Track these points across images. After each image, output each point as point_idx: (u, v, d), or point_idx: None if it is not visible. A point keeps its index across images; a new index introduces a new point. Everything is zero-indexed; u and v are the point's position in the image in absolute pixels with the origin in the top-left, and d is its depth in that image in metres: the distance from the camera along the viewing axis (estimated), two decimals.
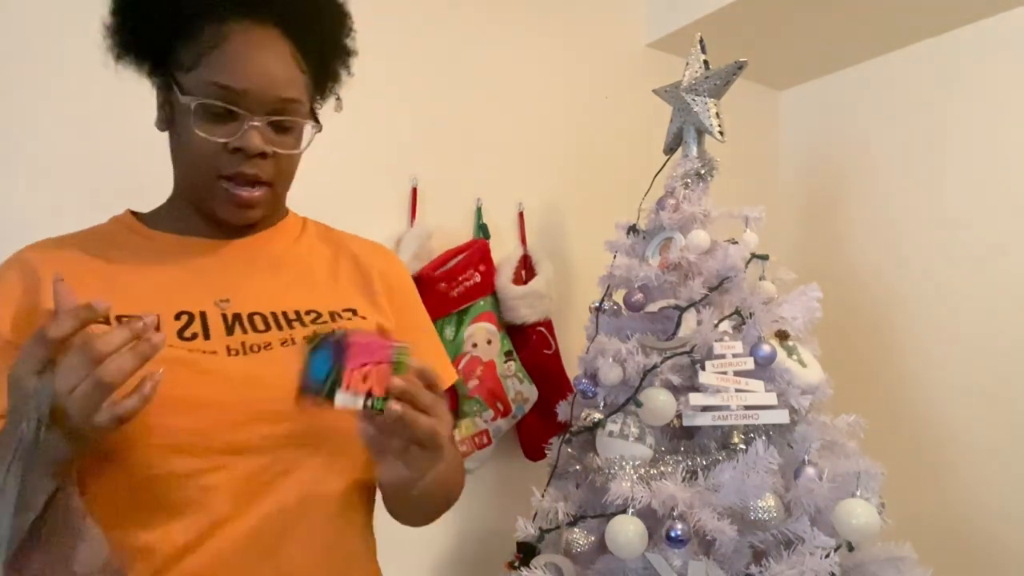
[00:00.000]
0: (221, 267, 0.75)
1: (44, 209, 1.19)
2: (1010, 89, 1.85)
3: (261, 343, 0.69)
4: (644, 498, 1.09)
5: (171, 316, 0.68)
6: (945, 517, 1.87)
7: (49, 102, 1.22)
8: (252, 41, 0.69)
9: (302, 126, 0.74)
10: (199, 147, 0.69)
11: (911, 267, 2.03)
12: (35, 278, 0.68)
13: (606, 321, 1.41)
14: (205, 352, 0.66)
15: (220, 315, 0.70)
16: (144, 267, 0.72)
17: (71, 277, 0.64)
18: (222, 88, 0.67)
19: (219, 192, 0.71)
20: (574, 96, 1.93)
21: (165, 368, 0.60)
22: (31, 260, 0.70)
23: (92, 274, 0.70)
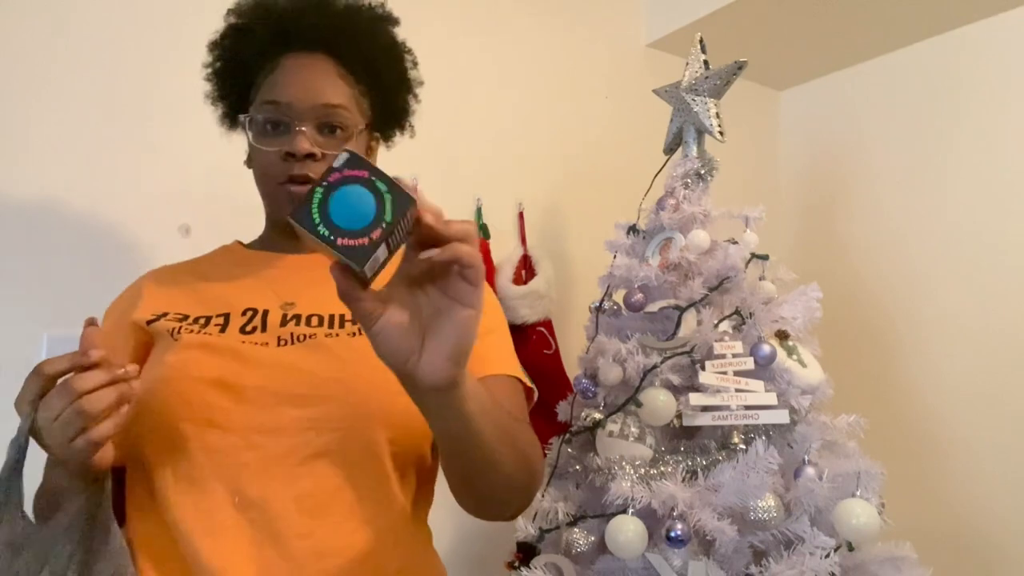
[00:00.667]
0: (294, 276, 0.83)
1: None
2: (1010, 89, 1.85)
3: (307, 334, 0.75)
4: (644, 498, 1.09)
5: (239, 313, 0.77)
6: (945, 517, 1.87)
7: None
8: (299, 64, 0.80)
9: (353, 131, 0.81)
10: (260, 159, 0.80)
11: (911, 267, 2.03)
12: (137, 297, 0.81)
13: (606, 321, 1.41)
14: (257, 343, 0.74)
15: (281, 314, 0.77)
16: (227, 277, 0.83)
17: (166, 292, 0.81)
18: (271, 103, 0.79)
19: (280, 196, 0.79)
20: (574, 96, 1.93)
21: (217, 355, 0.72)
22: (142, 283, 0.84)
23: (184, 288, 0.81)
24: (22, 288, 1.18)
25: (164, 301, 0.80)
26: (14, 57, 1.20)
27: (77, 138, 1.24)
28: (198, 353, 0.72)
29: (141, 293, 0.81)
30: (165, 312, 0.78)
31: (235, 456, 0.68)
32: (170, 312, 0.78)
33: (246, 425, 0.69)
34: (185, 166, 1.33)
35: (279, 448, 0.69)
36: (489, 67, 1.77)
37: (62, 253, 1.21)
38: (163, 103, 1.32)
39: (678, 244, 1.35)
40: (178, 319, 0.77)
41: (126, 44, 1.30)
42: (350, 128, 0.80)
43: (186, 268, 0.87)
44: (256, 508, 0.67)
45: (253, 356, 0.72)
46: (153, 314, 0.78)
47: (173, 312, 0.78)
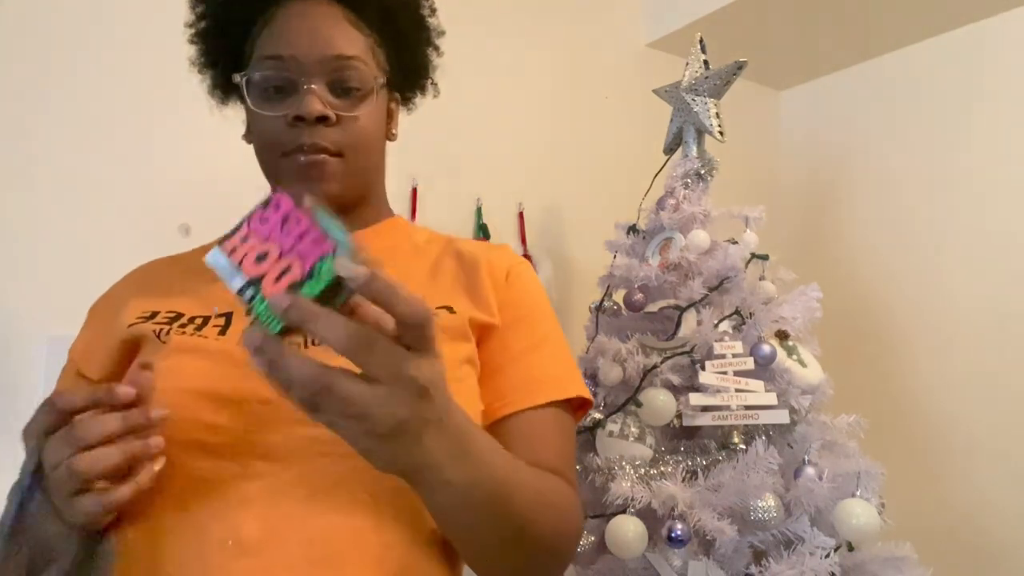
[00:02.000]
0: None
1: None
2: (1011, 88, 1.85)
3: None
4: (644, 498, 1.09)
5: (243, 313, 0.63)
6: (945, 517, 1.87)
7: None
8: (302, 11, 0.66)
9: (371, 88, 0.67)
10: (262, 127, 0.66)
11: (911, 266, 2.03)
12: (127, 293, 0.70)
13: (606, 321, 1.41)
14: None
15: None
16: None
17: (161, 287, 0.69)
18: (272, 59, 0.65)
19: (286, 169, 0.66)
20: (574, 96, 1.93)
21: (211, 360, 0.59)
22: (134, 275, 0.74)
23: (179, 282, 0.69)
24: (22, 288, 1.18)
25: (155, 299, 0.68)
26: (13, 57, 1.20)
27: (77, 138, 1.24)
28: (188, 358, 0.60)
29: (130, 289, 0.71)
30: (155, 311, 0.66)
31: (231, 488, 0.54)
32: (161, 311, 0.66)
33: (245, 449, 0.55)
34: (185, 166, 1.33)
35: (286, 478, 0.54)
36: (489, 67, 1.77)
37: (62, 253, 1.21)
38: (163, 102, 1.32)
39: (678, 244, 1.35)
40: (169, 319, 0.65)
41: (126, 43, 1.30)
42: (367, 84, 0.67)
43: (181, 262, 0.75)
44: (254, 555, 0.52)
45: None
46: (140, 314, 0.67)
47: (165, 311, 0.66)
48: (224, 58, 0.72)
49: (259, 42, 0.67)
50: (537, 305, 0.75)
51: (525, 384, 0.67)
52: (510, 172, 1.79)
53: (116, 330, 0.65)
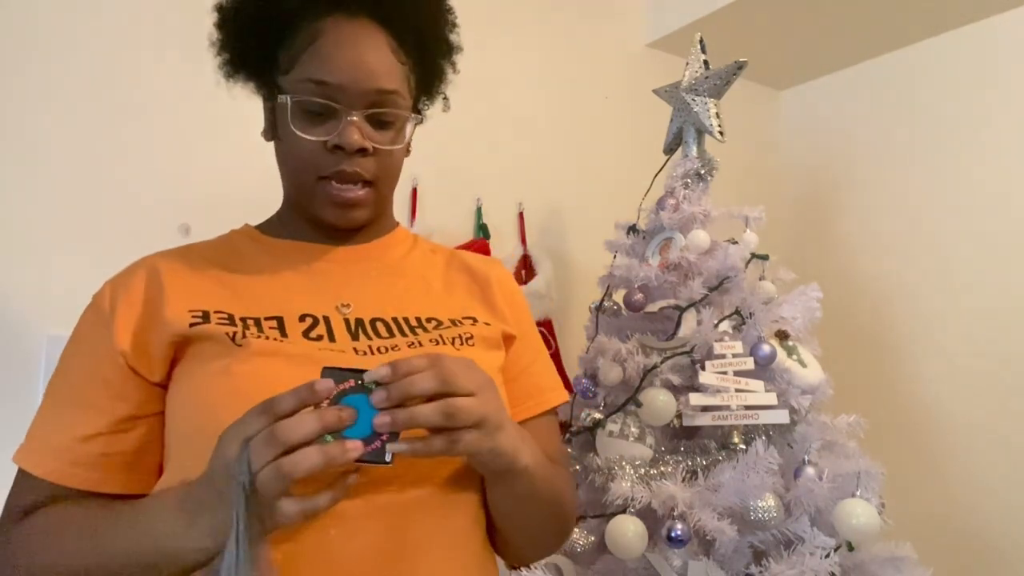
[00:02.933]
0: (340, 272, 0.72)
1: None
2: (1011, 88, 1.85)
3: (389, 346, 0.65)
4: (644, 498, 1.09)
5: (295, 318, 0.66)
6: (945, 517, 1.87)
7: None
8: (346, 35, 0.67)
9: (404, 120, 0.71)
10: (299, 148, 0.67)
11: (911, 266, 2.03)
12: (159, 286, 0.66)
13: (606, 321, 1.41)
14: (333, 351, 0.63)
15: (343, 320, 0.67)
16: (264, 273, 0.70)
17: (193, 284, 0.67)
18: (317, 84, 0.65)
19: (320, 194, 0.68)
20: (574, 96, 1.93)
21: (295, 362, 0.60)
22: (158, 267, 0.68)
23: (212, 280, 0.68)
24: (22, 288, 1.18)
25: (197, 296, 0.66)
26: (13, 57, 1.20)
27: (76, 138, 1.24)
28: (276, 360, 0.60)
29: (162, 284, 0.66)
30: (205, 311, 0.64)
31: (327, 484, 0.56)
32: (210, 311, 0.64)
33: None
34: (185, 166, 1.33)
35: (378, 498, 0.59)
36: (489, 67, 1.77)
37: (62, 253, 1.22)
38: (163, 102, 1.32)
39: (678, 244, 1.35)
40: (224, 320, 0.64)
41: (126, 43, 1.30)
42: (400, 120, 0.70)
43: (202, 254, 0.72)
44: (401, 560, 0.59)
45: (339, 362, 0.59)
46: (195, 313, 0.64)
47: (214, 311, 0.64)
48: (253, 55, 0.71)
49: (304, 59, 0.66)
50: (531, 318, 0.84)
51: (533, 394, 0.78)
52: (510, 172, 1.79)
53: (166, 328, 0.63)
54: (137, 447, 0.64)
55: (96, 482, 0.62)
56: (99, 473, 0.62)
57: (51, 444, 0.62)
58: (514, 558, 0.76)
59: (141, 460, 0.64)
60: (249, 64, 0.71)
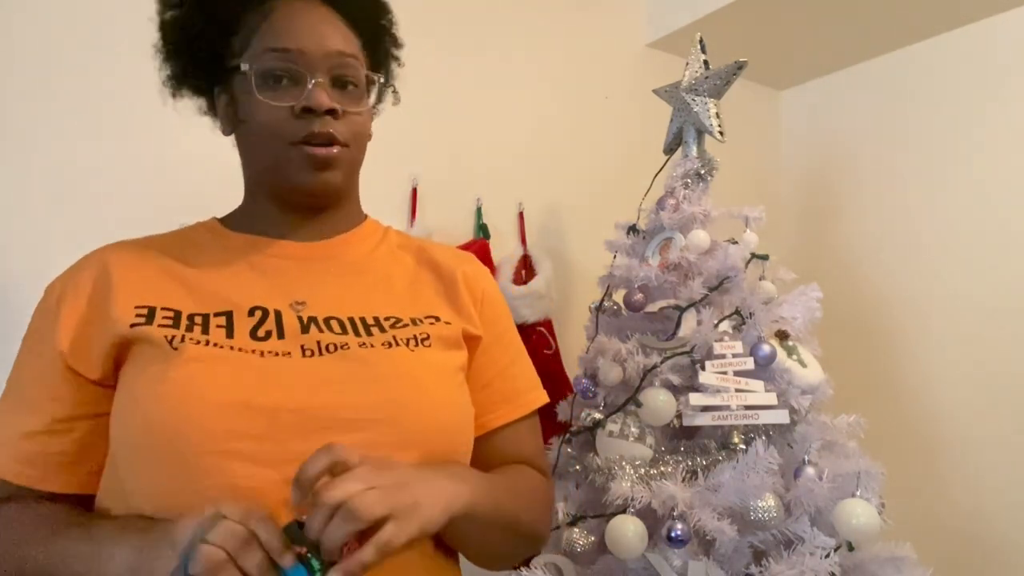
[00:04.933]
0: (296, 269, 0.72)
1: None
2: (1011, 88, 1.85)
3: (338, 343, 0.65)
4: (644, 498, 1.09)
5: (244, 312, 0.66)
6: (945, 517, 1.87)
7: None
8: (298, 9, 0.69)
9: (364, 86, 0.73)
10: (267, 117, 0.67)
11: (911, 266, 2.03)
12: (107, 281, 0.66)
13: (606, 321, 1.41)
14: (279, 354, 0.63)
15: (296, 316, 0.67)
16: (219, 266, 0.70)
17: (143, 278, 0.67)
18: (279, 51, 0.67)
19: (296, 159, 0.68)
20: (574, 96, 1.93)
21: (231, 368, 0.61)
22: (107, 260, 0.68)
23: (165, 274, 0.68)
24: (22, 288, 1.18)
25: (145, 291, 0.65)
26: (13, 56, 1.20)
27: (76, 137, 1.24)
28: (212, 366, 0.61)
29: (110, 279, 0.66)
30: (151, 307, 0.64)
31: (272, 495, 0.57)
32: (157, 308, 0.64)
33: (282, 457, 0.57)
34: (185, 165, 1.32)
35: None
36: (489, 67, 1.77)
37: (62, 253, 1.21)
38: (163, 101, 1.31)
39: (678, 244, 1.35)
40: (170, 319, 0.63)
41: (125, 41, 1.30)
42: (361, 83, 0.72)
43: (158, 247, 0.71)
44: None
45: (280, 370, 0.62)
46: (137, 312, 0.63)
47: (161, 308, 0.64)
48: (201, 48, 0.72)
49: (259, 35, 0.68)
50: (509, 318, 0.84)
51: (510, 397, 0.79)
52: (510, 172, 1.79)
53: (110, 327, 0.63)
54: (77, 447, 0.64)
55: (35, 479, 0.63)
56: (38, 471, 0.63)
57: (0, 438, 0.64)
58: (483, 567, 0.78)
59: (81, 460, 0.65)
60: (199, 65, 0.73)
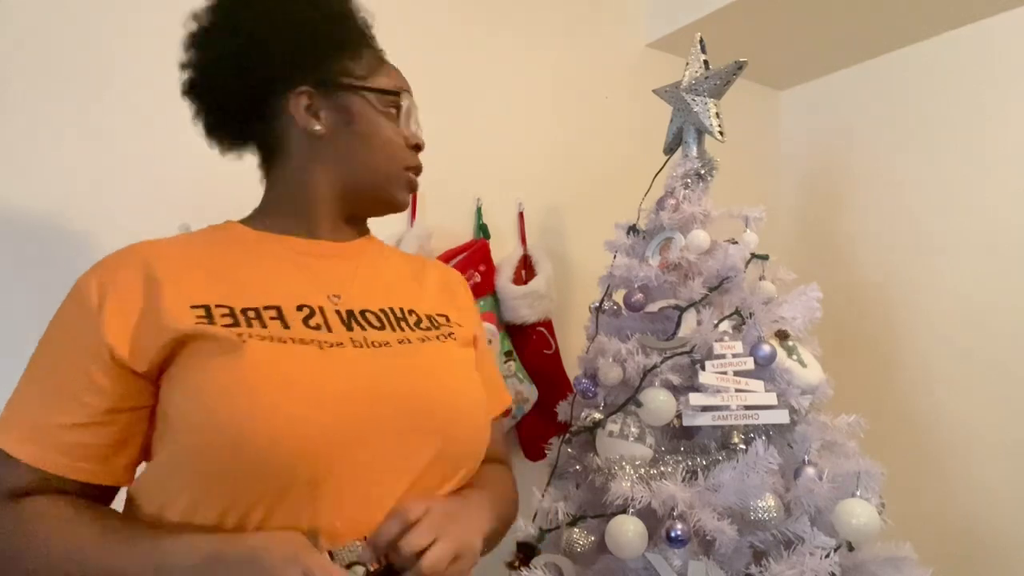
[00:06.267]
0: (327, 265, 0.77)
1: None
2: (1011, 88, 1.85)
3: (380, 340, 0.71)
4: (644, 498, 1.09)
5: (293, 307, 0.70)
6: (945, 517, 1.87)
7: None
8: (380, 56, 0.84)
9: None
10: (392, 143, 0.80)
11: (911, 266, 2.03)
12: (154, 278, 0.67)
13: (606, 321, 1.41)
14: (333, 345, 0.68)
15: (335, 310, 0.72)
16: (256, 265, 0.73)
17: (189, 277, 0.68)
18: (392, 94, 0.80)
19: (403, 181, 0.82)
20: (574, 96, 1.93)
21: (301, 358, 0.64)
22: (147, 258, 0.69)
23: (207, 273, 0.70)
24: (22, 288, 1.18)
25: (195, 289, 0.67)
26: (10, 57, 1.20)
27: (77, 138, 1.24)
28: (282, 353, 0.64)
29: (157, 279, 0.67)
30: (205, 305, 0.66)
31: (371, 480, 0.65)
32: (211, 305, 0.66)
33: (362, 444, 0.64)
34: (185, 165, 1.33)
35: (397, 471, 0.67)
36: (489, 67, 1.77)
37: (62, 253, 1.21)
38: (164, 101, 1.32)
39: (678, 244, 1.35)
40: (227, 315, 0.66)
41: (125, 40, 1.30)
42: None
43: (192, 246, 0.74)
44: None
45: (343, 360, 0.67)
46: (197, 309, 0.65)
47: (215, 305, 0.66)
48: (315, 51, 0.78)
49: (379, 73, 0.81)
50: (481, 323, 0.93)
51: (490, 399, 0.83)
52: (510, 172, 1.79)
53: (168, 323, 0.64)
54: (116, 441, 0.65)
55: (67, 468, 0.64)
56: (71, 460, 0.64)
57: (32, 428, 0.64)
58: None
59: (118, 453, 0.66)
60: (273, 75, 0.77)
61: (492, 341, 1.59)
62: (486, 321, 1.58)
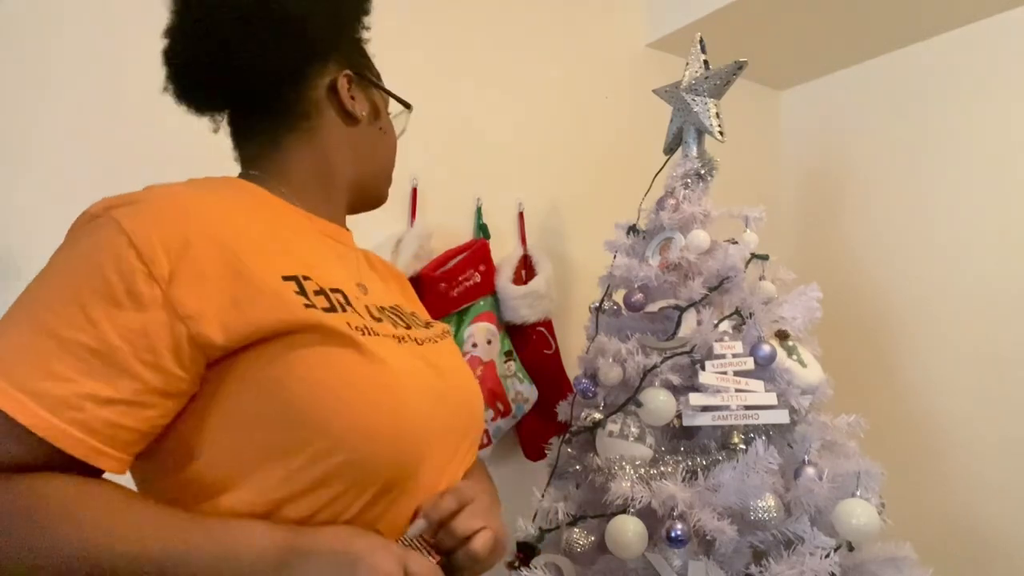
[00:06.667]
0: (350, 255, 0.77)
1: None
2: (1011, 88, 1.85)
3: (414, 337, 0.71)
4: (644, 498, 1.09)
5: (353, 291, 0.68)
6: (945, 517, 1.87)
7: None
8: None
9: None
10: (391, 143, 0.83)
11: (911, 267, 2.03)
12: (236, 257, 0.58)
13: (606, 321, 1.41)
14: (402, 340, 0.68)
15: (364, 305, 0.68)
16: (307, 243, 0.68)
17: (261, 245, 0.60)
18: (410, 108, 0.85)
19: (391, 178, 0.85)
20: (574, 96, 1.93)
21: (404, 352, 0.65)
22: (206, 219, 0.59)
23: (272, 240, 0.63)
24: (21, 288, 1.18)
25: (277, 261, 0.60)
26: (12, 54, 1.20)
27: (79, 138, 1.24)
28: (390, 348, 0.64)
29: (236, 253, 0.57)
30: (296, 275, 0.60)
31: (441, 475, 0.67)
32: (299, 276, 0.61)
33: (457, 444, 0.69)
34: (186, 165, 1.32)
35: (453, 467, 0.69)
36: (489, 67, 1.77)
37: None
38: (166, 101, 1.31)
39: (678, 244, 1.35)
40: (319, 293, 0.61)
41: (126, 38, 1.30)
42: None
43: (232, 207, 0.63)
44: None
45: (424, 356, 0.69)
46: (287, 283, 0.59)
47: (301, 276, 0.61)
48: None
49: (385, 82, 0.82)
50: None
51: None
52: (510, 172, 1.79)
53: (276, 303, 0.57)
54: (148, 427, 0.56)
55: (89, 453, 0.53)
56: (97, 442, 0.53)
57: (50, 394, 0.51)
58: None
59: (142, 440, 0.56)
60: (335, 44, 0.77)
61: (492, 341, 1.59)
62: (486, 321, 1.58)
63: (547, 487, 1.33)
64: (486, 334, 1.57)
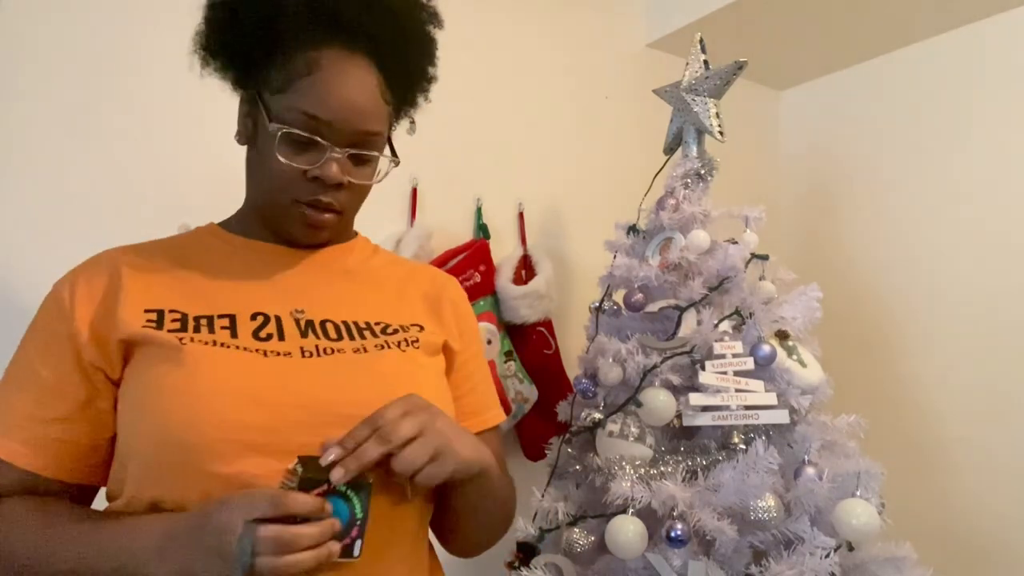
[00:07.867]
0: (296, 276, 0.76)
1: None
2: (1011, 88, 1.85)
3: (334, 348, 0.70)
4: (644, 498, 1.09)
5: (247, 316, 0.70)
6: (945, 517, 1.87)
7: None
8: (342, 71, 0.69)
9: (376, 162, 0.76)
10: (279, 172, 0.70)
11: (911, 267, 2.03)
12: (118, 283, 0.69)
13: (606, 321, 1.41)
14: (280, 353, 0.67)
15: (294, 321, 0.71)
16: (223, 271, 0.73)
17: (151, 282, 0.70)
18: (309, 117, 0.68)
19: (294, 215, 0.72)
20: (574, 96, 1.93)
21: (238, 365, 0.65)
22: (117, 262, 0.71)
23: (171, 278, 0.71)
24: (20, 288, 1.18)
25: (153, 295, 0.69)
26: (12, 54, 1.20)
27: (75, 138, 1.24)
28: (219, 362, 0.64)
29: (120, 279, 0.69)
30: (159, 310, 0.67)
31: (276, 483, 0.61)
32: (165, 310, 0.68)
33: (286, 449, 0.61)
34: (185, 165, 1.33)
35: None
36: (489, 67, 1.77)
37: (62, 253, 1.21)
38: (165, 100, 1.32)
39: (678, 244, 1.35)
40: (178, 320, 0.67)
41: (125, 38, 1.30)
42: (375, 160, 0.75)
43: (162, 252, 0.74)
44: None
45: (283, 368, 0.66)
46: (148, 314, 0.67)
47: (168, 310, 0.68)
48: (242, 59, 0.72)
49: (299, 87, 0.68)
50: (480, 341, 0.89)
51: (479, 411, 0.84)
52: (510, 172, 1.79)
53: (120, 326, 0.66)
54: (89, 439, 0.67)
55: (44, 466, 0.65)
56: (48, 458, 0.65)
57: (12, 424, 0.65)
58: (459, 550, 0.85)
59: (92, 451, 0.67)
60: (235, 66, 0.73)
61: (492, 341, 1.59)
62: (486, 321, 1.58)
63: (547, 487, 1.33)
64: (486, 334, 1.57)
